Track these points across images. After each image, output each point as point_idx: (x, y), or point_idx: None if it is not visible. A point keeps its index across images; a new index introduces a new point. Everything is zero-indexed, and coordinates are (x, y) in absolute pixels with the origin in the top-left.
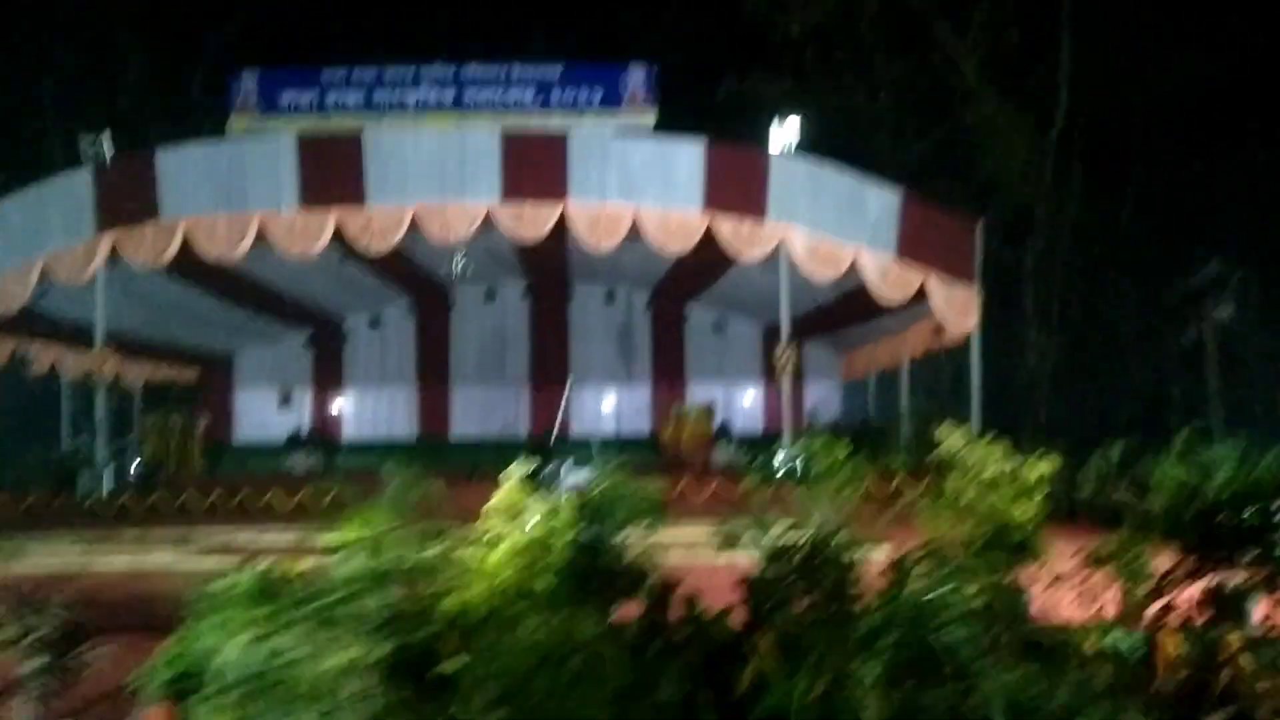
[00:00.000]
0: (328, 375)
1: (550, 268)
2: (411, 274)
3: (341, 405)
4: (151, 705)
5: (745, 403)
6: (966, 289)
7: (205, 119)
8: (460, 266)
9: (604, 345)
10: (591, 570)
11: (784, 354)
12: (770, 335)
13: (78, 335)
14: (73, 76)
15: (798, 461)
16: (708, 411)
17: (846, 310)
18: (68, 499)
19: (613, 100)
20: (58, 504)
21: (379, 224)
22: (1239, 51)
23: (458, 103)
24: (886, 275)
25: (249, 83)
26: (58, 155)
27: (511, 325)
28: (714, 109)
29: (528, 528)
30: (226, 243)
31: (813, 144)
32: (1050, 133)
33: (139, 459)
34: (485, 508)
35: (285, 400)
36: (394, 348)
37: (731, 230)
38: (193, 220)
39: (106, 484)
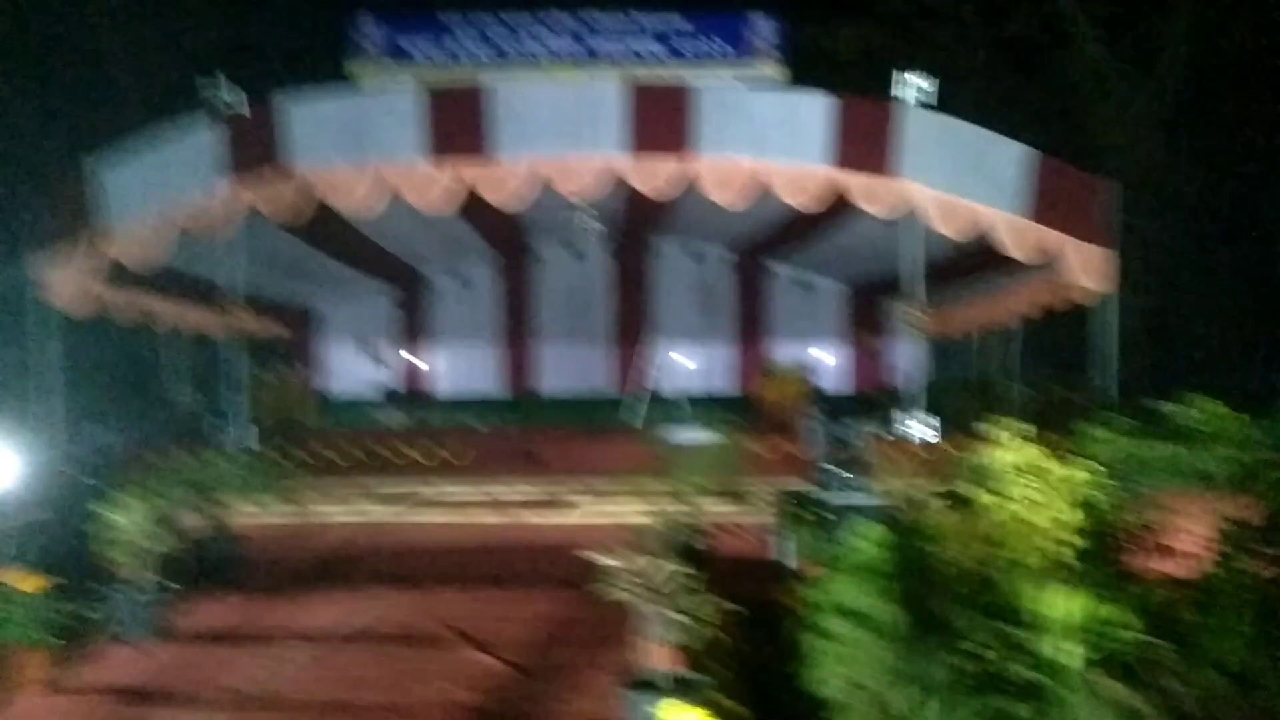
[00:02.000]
0: (416, 331)
1: (637, 225)
2: (507, 229)
3: (431, 361)
4: None
5: (831, 362)
6: (1101, 250)
7: (321, 63)
8: (586, 222)
9: (688, 304)
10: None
11: (915, 314)
12: (858, 294)
13: (191, 290)
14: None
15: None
16: (803, 370)
17: (944, 269)
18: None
19: (738, 51)
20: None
21: (504, 176)
22: None
23: (584, 53)
24: (1019, 234)
25: (369, 28)
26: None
27: (596, 282)
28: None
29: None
30: (362, 198)
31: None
32: (1162, 90)
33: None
34: (1001, 463)
35: (375, 356)
36: (481, 305)
37: (861, 186)
38: (326, 175)
39: (250, 440)
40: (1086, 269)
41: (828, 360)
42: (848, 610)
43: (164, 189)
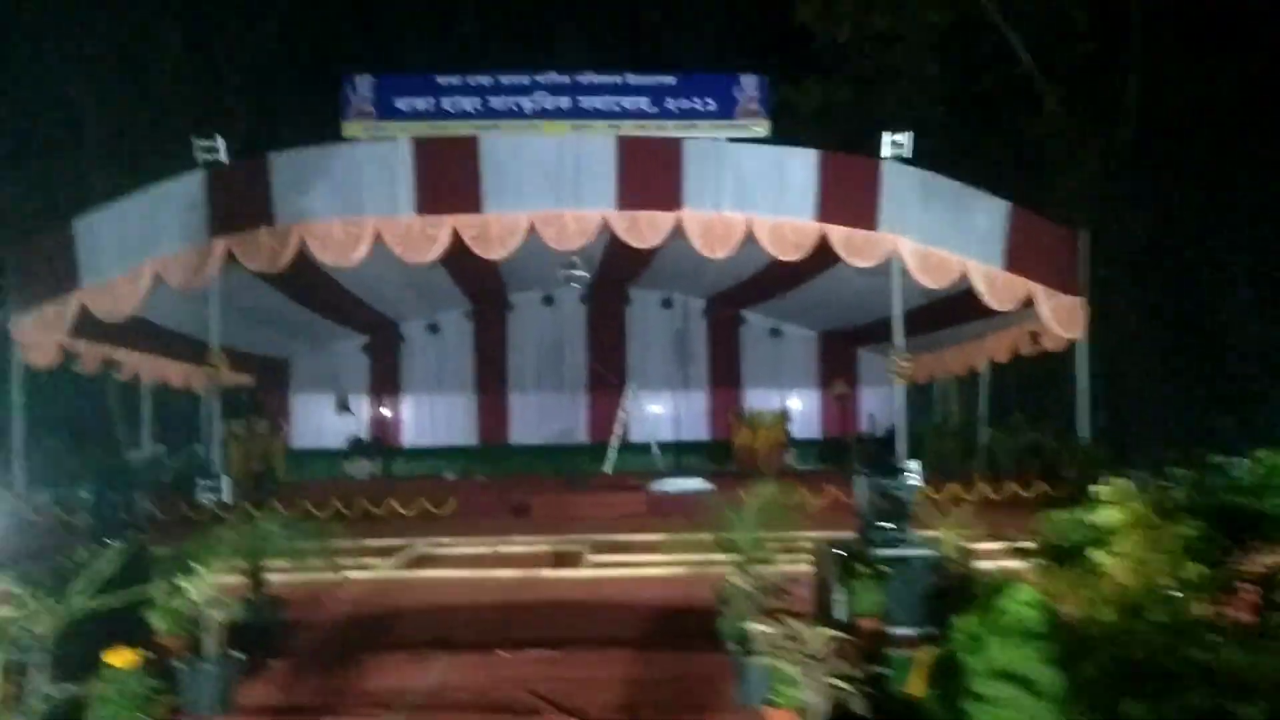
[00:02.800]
0: (385, 380)
1: (612, 273)
2: (483, 277)
3: (399, 410)
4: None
5: (800, 408)
6: (1072, 298)
7: (316, 124)
8: (572, 274)
9: (660, 350)
10: None
11: (901, 361)
12: (826, 341)
13: (156, 339)
14: (183, 79)
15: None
16: (781, 417)
17: (916, 317)
18: (188, 508)
19: (726, 110)
20: (180, 513)
21: (495, 230)
22: None
23: (574, 110)
24: (995, 284)
25: (364, 88)
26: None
27: (569, 331)
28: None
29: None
30: (342, 248)
31: (869, 150)
32: (1115, 142)
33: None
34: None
35: (342, 405)
36: (451, 353)
37: (843, 239)
38: (307, 225)
39: (225, 493)
40: (1059, 316)
41: (797, 406)
42: (1005, 673)
43: (144, 242)
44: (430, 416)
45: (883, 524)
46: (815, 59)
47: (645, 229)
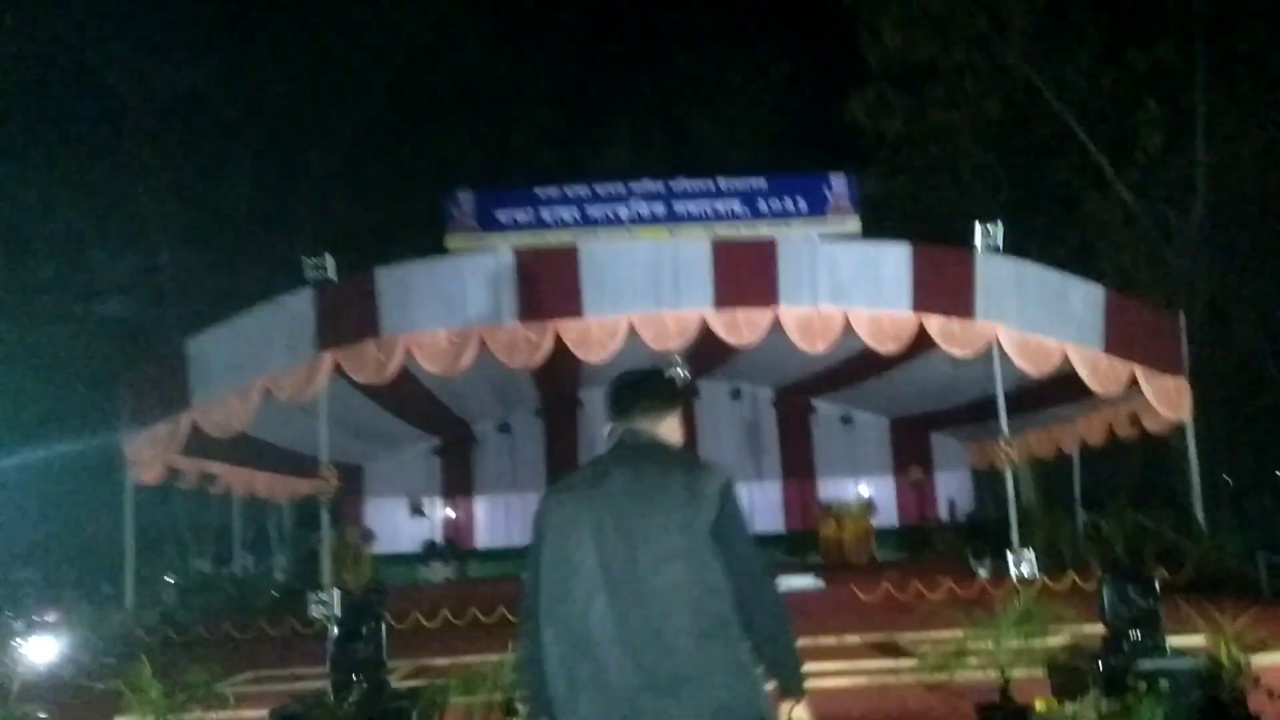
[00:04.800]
0: (457, 482)
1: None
2: (563, 379)
3: (472, 512)
4: None
5: (873, 495)
6: (1177, 379)
7: (418, 239)
8: (675, 373)
9: (731, 442)
10: None
11: (1007, 448)
12: (898, 428)
13: (251, 452)
14: (286, 198)
15: (1031, 561)
16: (867, 507)
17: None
18: (300, 626)
19: (817, 208)
20: (289, 632)
21: (596, 334)
22: None
23: (668, 216)
24: (1097, 367)
25: (465, 201)
26: (271, 277)
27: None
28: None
29: None
30: (447, 357)
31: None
32: (1184, 227)
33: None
34: None
35: (416, 509)
36: (523, 451)
37: (941, 328)
38: (413, 336)
39: (335, 605)
40: (1163, 398)
41: (865, 493)
42: None
43: (255, 359)
44: (504, 517)
45: (1133, 631)
46: (866, 153)
47: (743, 326)
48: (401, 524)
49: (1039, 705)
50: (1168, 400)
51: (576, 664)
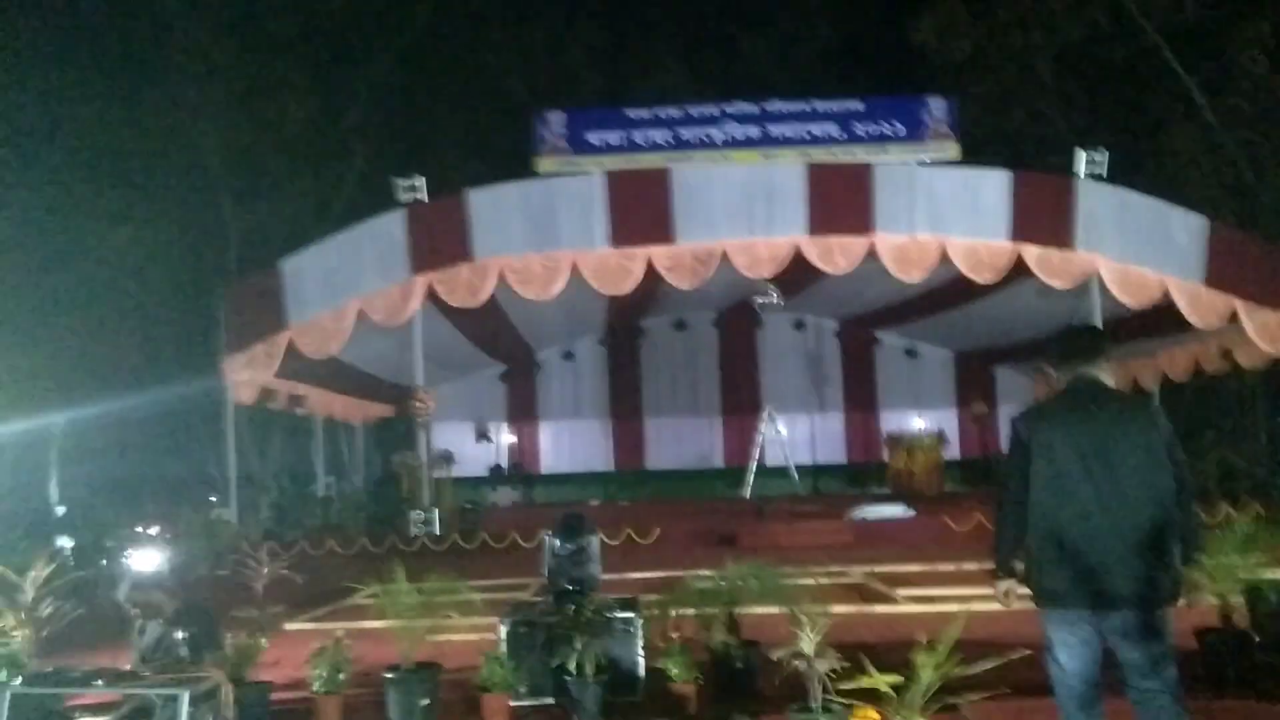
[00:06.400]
0: (521, 408)
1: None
2: (633, 305)
3: (536, 438)
4: None
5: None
6: (1276, 313)
7: (507, 161)
8: (770, 300)
9: (794, 373)
10: None
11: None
12: (963, 361)
13: (337, 375)
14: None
15: None
16: (938, 439)
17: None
18: (400, 541)
19: (915, 132)
20: (389, 546)
21: (689, 260)
22: None
23: (763, 139)
24: (1197, 301)
25: (555, 124)
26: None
27: (703, 355)
28: None
29: None
30: (541, 282)
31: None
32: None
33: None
34: None
35: (482, 434)
36: (586, 379)
37: (1039, 258)
38: (505, 259)
39: (436, 525)
40: (1265, 332)
41: (922, 426)
42: None
43: (349, 280)
44: (568, 443)
45: None
46: (929, 76)
47: (838, 254)
48: (468, 448)
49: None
50: (1268, 334)
51: (1065, 536)
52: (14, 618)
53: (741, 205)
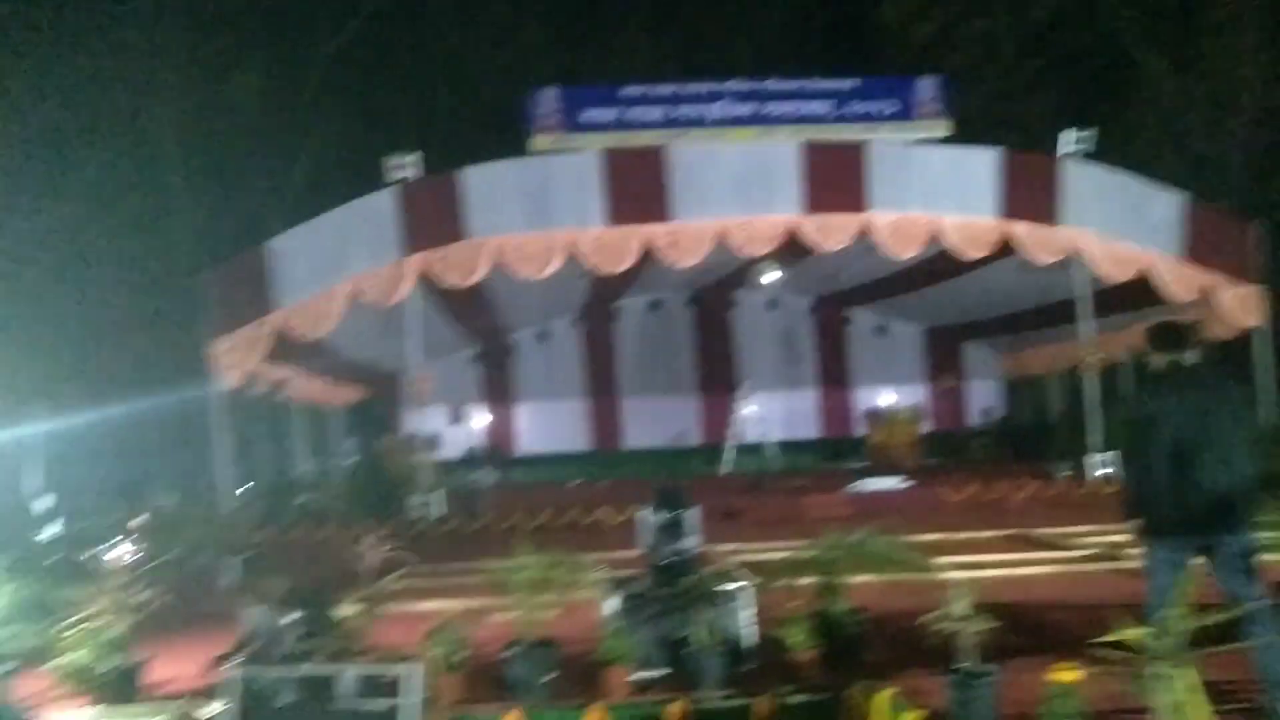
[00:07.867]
0: (496, 389)
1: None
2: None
3: (511, 419)
4: None
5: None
6: (1249, 287)
7: (500, 139)
8: (770, 276)
9: (768, 350)
10: None
11: (1091, 351)
12: (933, 337)
13: (317, 359)
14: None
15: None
16: (915, 413)
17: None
18: (398, 524)
19: (906, 112)
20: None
21: (685, 238)
22: None
23: (757, 117)
24: (1177, 275)
25: (550, 101)
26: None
27: (677, 334)
28: None
29: None
30: (535, 261)
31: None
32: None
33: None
34: None
35: (456, 416)
36: (561, 360)
37: (1026, 235)
38: (501, 239)
39: (436, 509)
40: (1236, 305)
41: (891, 401)
42: None
43: (339, 260)
44: (544, 424)
45: None
46: (896, 59)
47: (833, 231)
48: (442, 431)
49: None
50: (1241, 307)
51: (1176, 489)
52: (109, 601)
53: (738, 183)
